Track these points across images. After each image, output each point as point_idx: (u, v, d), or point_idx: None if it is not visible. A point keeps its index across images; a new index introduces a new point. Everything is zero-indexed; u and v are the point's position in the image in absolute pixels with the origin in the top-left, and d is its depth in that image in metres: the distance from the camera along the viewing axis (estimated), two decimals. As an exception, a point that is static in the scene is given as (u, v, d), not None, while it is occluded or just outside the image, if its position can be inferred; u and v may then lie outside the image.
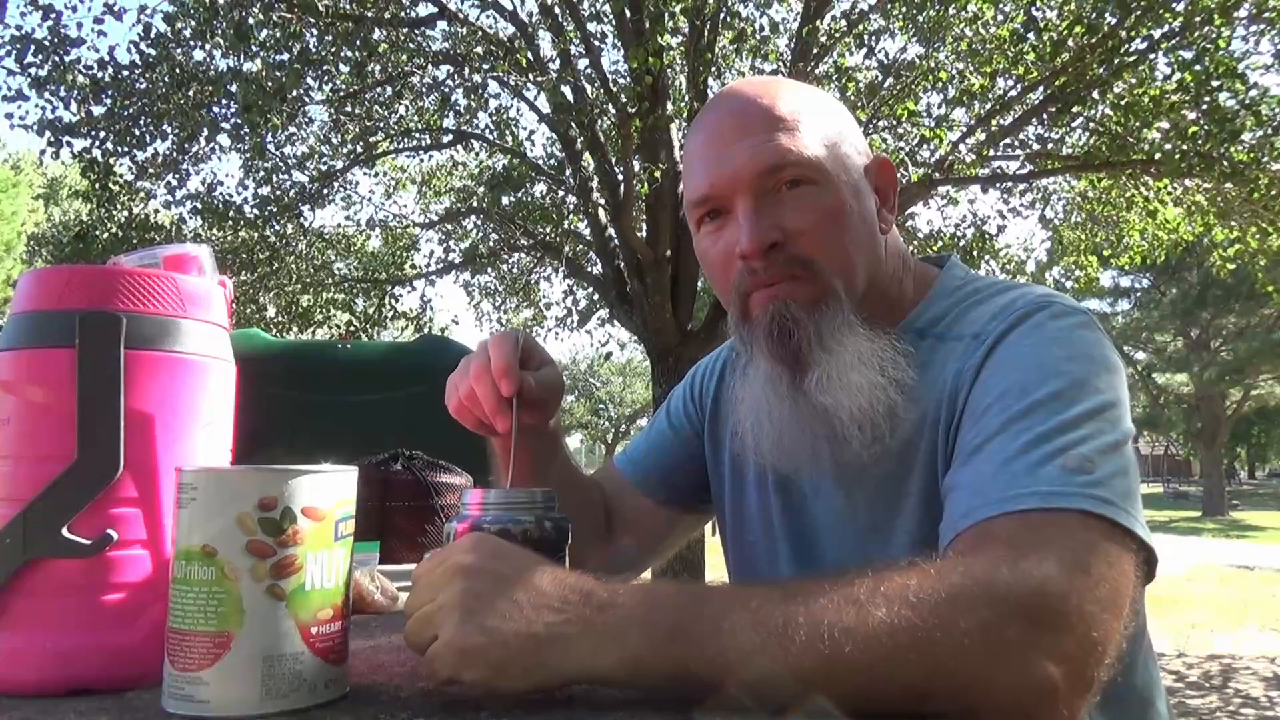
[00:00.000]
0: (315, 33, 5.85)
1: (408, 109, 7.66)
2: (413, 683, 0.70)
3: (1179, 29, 5.61)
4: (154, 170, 6.92)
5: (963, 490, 0.75)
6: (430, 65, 6.95)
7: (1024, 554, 0.64)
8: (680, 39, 5.95)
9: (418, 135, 7.99)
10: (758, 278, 0.87)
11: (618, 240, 6.64)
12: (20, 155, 24.56)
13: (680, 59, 5.99)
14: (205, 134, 6.57)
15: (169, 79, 6.23)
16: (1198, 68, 5.57)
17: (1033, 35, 5.78)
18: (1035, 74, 6.03)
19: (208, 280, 0.78)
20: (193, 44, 6.19)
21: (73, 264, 1.26)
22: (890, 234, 0.95)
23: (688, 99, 5.77)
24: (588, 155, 6.39)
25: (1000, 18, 6.17)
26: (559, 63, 6.11)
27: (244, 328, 2.46)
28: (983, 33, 6.22)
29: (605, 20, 6.32)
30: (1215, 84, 5.58)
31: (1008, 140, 6.73)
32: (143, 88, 6.35)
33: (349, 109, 7.31)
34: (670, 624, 0.61)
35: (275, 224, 7.46)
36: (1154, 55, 5.92)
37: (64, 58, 6.12)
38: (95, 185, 6.66)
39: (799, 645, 0.58)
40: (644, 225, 6.43)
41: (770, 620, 0.60)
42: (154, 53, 6.13)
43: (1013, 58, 6.06)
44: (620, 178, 6.03)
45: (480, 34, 6.55)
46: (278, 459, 0.66)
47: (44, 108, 6.25)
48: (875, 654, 0.58)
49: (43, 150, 6.38)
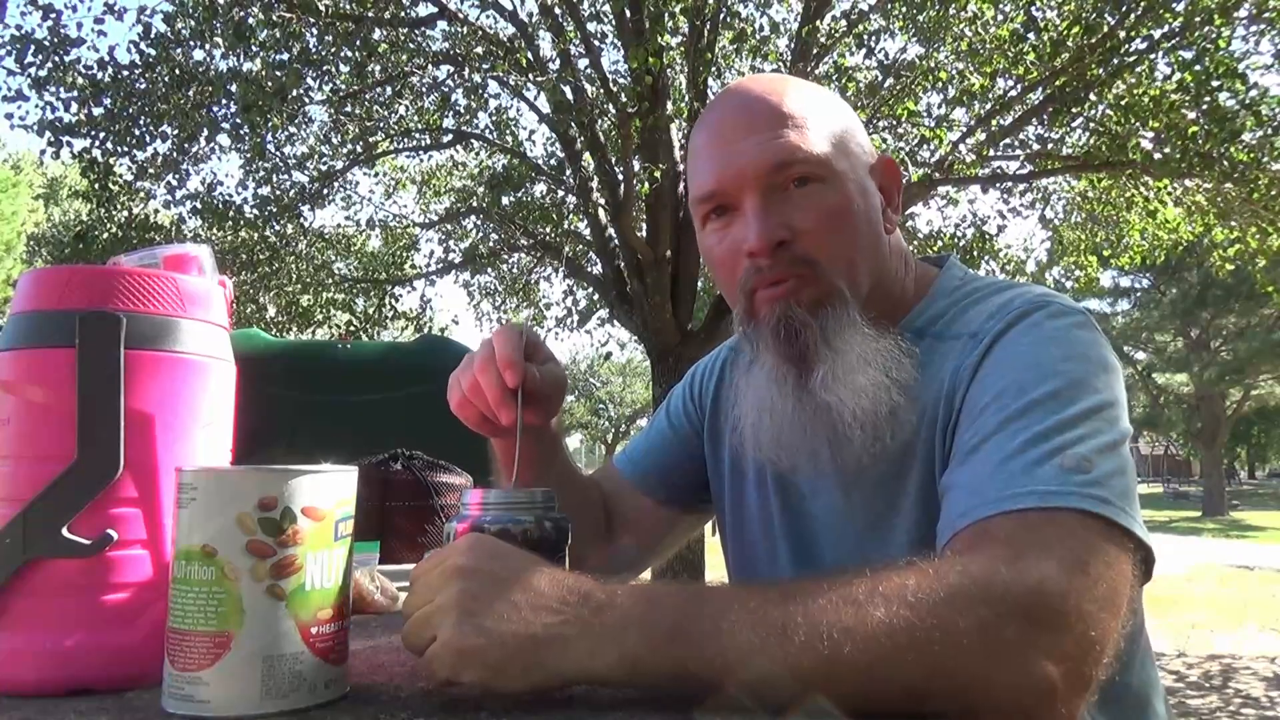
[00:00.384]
0: (315, 33, 5.84)
1: (408, 109, 7.65)
2: (413, 683, 0.70)
3: (1179, 29, 5.61)
4: (154, 170, 6.91)
5: (960, 489, 0.75)
6: (430, 65, 6.94)
7: (1022, 553, 0.64)
8: (680, 39, 5.94)
9: (418, 135, 7.99)
10: (764, 275, 0.87)
11: (618, 240, 6.64)
12: (20, 155, 24.56)
13: (680, 59, 5.99)
14: (205, 134, 6.56)
15: (169, 79, 6.23)
16: (1198, 68, 5.57)
17: (1032, 35, 5.78)
18: (1035, 74, 6.03)
19: (208, 280, 0.78)
20: (192, 44, 6.19)
21: (73, 264, 1.25)
22: (894, 234, 0.95)
23: (688, 99, 5.76)
24: (588, 155, 6.38)
25: (1000, 18, 6.16)
26: (559, 63, 6.10)
27: (244, 328, 2.46)
28: (983, 33, 6.21)
29: (605, 20, 6.31)
30: (1215, 84, 5.58)
31: (1008, 140, 6.72)
32: (143, 88, 6.34)
33: (349, 109, 7.30)
34: (669, 624, 0.61)
35: (275, 224, 7.46)
36: (1154, 55, 5.92)
37: (64, 58, 6.11)
38: (95, 185, 6.65)
39: (798, 645, 0.58)
40: (644, 225, 6.42)
41: (769, 620, 0.60)
42: (154, 53, 6.13)
43: (1012, 58, 6.06)
44: (620, 178, 6.02)
45: (480, 34, 6.55)
46: (278, 459, 0.66)
47: (44, 108, 6.25)
48: (874, 654, 0.59)
49: (43, 150, 6.37)
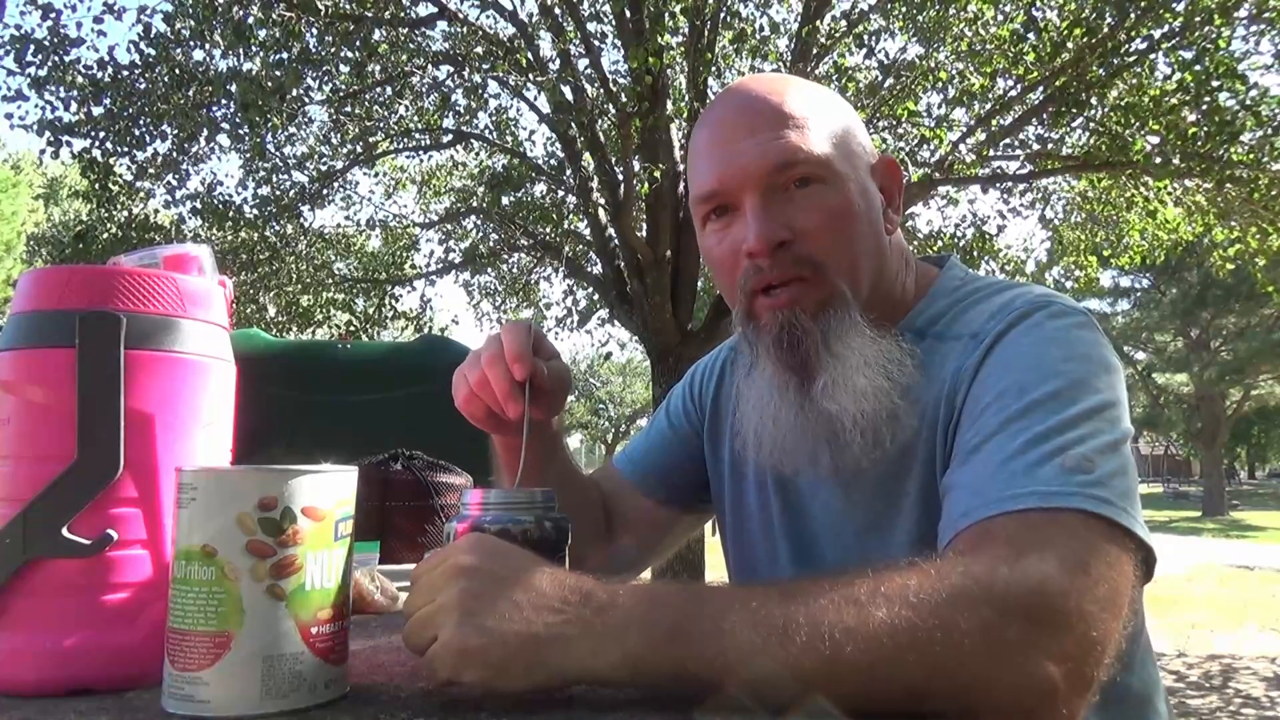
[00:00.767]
0: (315, 32, 5.84)
1: (408, 109, 7.65)
2: (413, 683, 0.70)
3: (1179, 29, 5.61)
4: (154, 170, 6.92)
5: (961, 490, 0.75)
6: (430, 65, 6.93)
7: (1023, 554, 0.64)
8: (680, 39, 5.94)
9: (418, 135, 7.99)
10: (764, 276, 0.86)
11: (618, 240, 6.64)
12: (20, 155, 24.55)
13: (680, 59, 5.98)
14: (205, 134, 6.57)
15: (169, 79, 6.24)
16: (1198, 68, 5.56)
17: (1032, 36, 5.78)
18: (1035, 74, 6.03)
19: (208, 280, 0.78)
20: (192, 44, 6.19)
21: (73, 264, 1.25)
22: (894, 234, 0.95)
23: (688, 99, 5.76)
24: (588, 155, 6.38)
25: (1000, 18, 6.17)
26: (559, 63, 6.10)
27: (244, 328, 2.46)
28: (983, 33, 6.21)
29: (605, 20, 6.31)
30: (1215, 84, 5.58)
31: (1008, 140, 6.72)
32: (142, 88, 6.35)
33: (349, 109, 7.30)
34: (670, 624, 0.61)
35: (275, 224, 7.47)
36: (1154, 56, 5.92)
37: (64, 58, 6.12)
38: (95, 185, 6.66)
39: (799, 645, 0.58)
40: (644, 225, 6.42)
41: (770, 620, 0.60)
42: (154, 53, 6.13)
43: (1013, 58, 6.06)
44: (620, 178, 6.02)
45: (480, 34, 6.55)
46: (278, 459, 0.66)
47: (44, 108, 6.26)
48: (876, 654, 0.58)
49: (43, 150, 6.38)
